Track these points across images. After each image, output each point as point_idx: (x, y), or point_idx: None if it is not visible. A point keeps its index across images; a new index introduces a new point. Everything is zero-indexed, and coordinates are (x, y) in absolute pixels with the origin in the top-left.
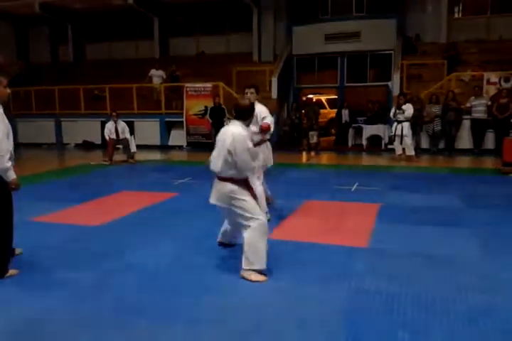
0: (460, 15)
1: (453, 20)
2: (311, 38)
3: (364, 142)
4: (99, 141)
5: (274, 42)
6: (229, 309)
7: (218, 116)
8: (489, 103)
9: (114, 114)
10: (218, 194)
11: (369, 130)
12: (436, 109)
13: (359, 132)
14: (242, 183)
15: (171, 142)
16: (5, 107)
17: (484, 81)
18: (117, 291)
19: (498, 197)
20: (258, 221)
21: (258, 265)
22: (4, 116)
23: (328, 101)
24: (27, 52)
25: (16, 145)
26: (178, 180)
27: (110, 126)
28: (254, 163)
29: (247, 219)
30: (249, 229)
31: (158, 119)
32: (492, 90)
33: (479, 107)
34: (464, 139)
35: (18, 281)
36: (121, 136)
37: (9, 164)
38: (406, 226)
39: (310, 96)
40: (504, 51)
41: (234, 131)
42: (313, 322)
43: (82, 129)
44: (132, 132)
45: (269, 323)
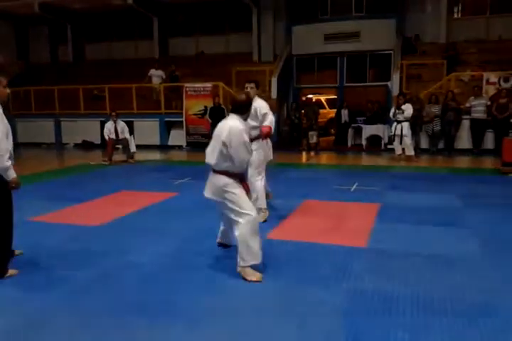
0: (459, 15)
1: (452, 20)
2: (311, 38)
3: (363, 142)
4: (98, 141)
5: (274, 42)
6: (229, 309)
7: (218, 116)
8: (489, 103)
9: (114, 114)
10: (212, 187)
11: (368, 130)
12: (435, 109)
13: (358, 132)
14: (237, 177)
15: (171, 142)
16: (4, 107)
17: (484, 81)
18: (117, 291)
19: (498, 197)
20: (248, 216)
21: (252, 260)
22: (4, 116)
23: (327, 101)
24: (27, 52)
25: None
26: (178, 180)
27: (110, 126)
28: (249, 156)
29: (238, 213)
30: (239, 225)
31: (157, 119)
32: (491, 90)
33: (479, 107)
34: (464, 139)
35: (18, 281)
36: (120, 136)
37: (9, 163)
38: (405, 226)
39: (309, 96)
40: (503, 51)
41: (231, 124)
42: (312, 322)
43: (82, 129)
44: (132, 132)
45: (268, 323)
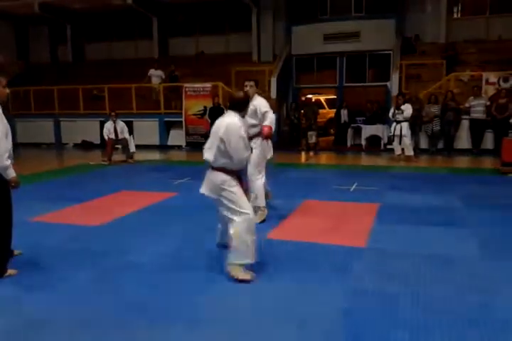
0: (459, 15)
1: (452, 20)
2: (310, 38)
3: (363, 142)
4: (98, 141)
5: (274, 42)
6: (229, 309)
7: (217, 116)
8: (488, 103)
9: (113, 114)
10: (209, 184)
11: (368, 130)
12: (435, 109)
13: (358, 132)
14: (234, 174)
15: (170, 142)
16: (4, 107)
17: (483, 81)
18: (117, 291)
19: (498, 197)
20: (245, 215)
21: (246, 259)
22: (3, 116)
23: (327, 101)
24: (27, 52)
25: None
26: (178, 180)
27: (109, 126)
28: (247, 153)
29: (234, 212)
30: (235, 223)
31: (157, 119)
32: (491, 90)
33: (478, 107)
34: (463, 139)
35: (18, 281)
36: (120, 136)
37: (8, 162)
38: (405, 226)
39: (309, 96)
40: (503, 51)
41: (228, 121)
42: (312, 322)
43: (81, 129)
44: (131, 132)
45: (268, 323)
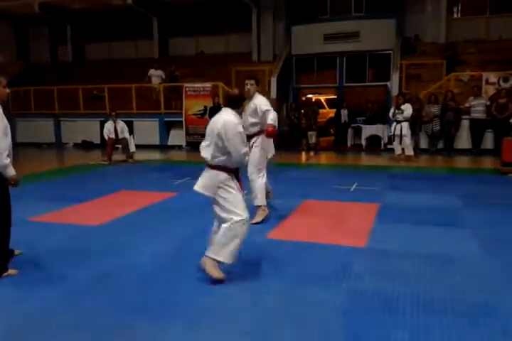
0: (459, 15)
1: (452, 20)
2: (310, 38)
3: (363, 142)
4: (98, 141)
5: (274, 42)
6: (229, 309)
7: None
8: (488, 103)
9: (113, 114)
10: (206, 181)
11: (368, 130)
12: (435, 109)
13: (358, 132)
14: (232, 173)
15: (170, 142)
16: (4, 107)
17: (483, 81)
18: (117, 291)
19: (498, 197)
20: (239, 217)
21: (225, 259)
22: (3, 115)
23: (327, 101)
24: (27, 52)
25: (15, 144)
26: (178, 180)
27: (109, 126)
28: (245, 149)
29: (229, 212)
30: (228, 223)
31: (157, 119)
32: (491, 90)
33: (478, 107)
34: (463, 139)
35: (18, 281)
36: (120, 136)
37: (7, 161)
38: (405, 226)
39: (309, 96)
40: (503, 51)
41: (225, 118)
42: (312, 322)
43: (82, 129)
44: (131, 132)
45: (268, 323)
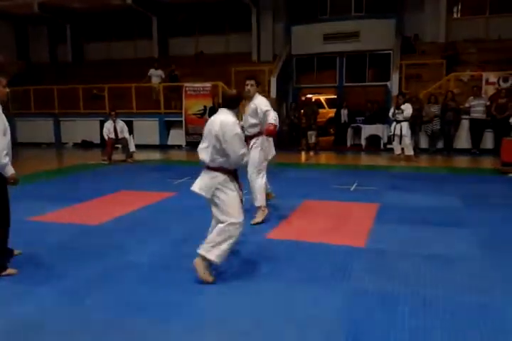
0: (459, 15)
1: (452, 20)
2: (310, 38)
3: (363, 142)
4: (98, 141)
5: (273, 42)
6: (228, 309)
7: None
8: (488, 103)
9: (113, 114)
10: (204, 183)
11: (368, 130)
12: (435, 109)
13: (358, 132)
14: (231, 174)
15: (170, 141)
16: (4, 107)
17: (483, 81)
18: (117, 291)
19: (498, 197)
20: (235, 220)
21: (214, 256)
22: (3, 115)
23: (327, 100)
24: (26, 52)
25: (15, 144)
26: (177, 180)
27: (109, 126)
28: (243, 150)
29: (226, 214)
30: (224, 224)
31: (157, 119)
32: (491, 90)
33: (478, 107)
34: (463, 139)
35: (18, 281)
36: (120, 136)
37: (6, 160)
38: (405, 226)
39: (309, 95)
40: (503, 51)
41: (222, 118)
42: (312, 322)
43: (81, 129)
44: (131, 131)
45: (268, 323)
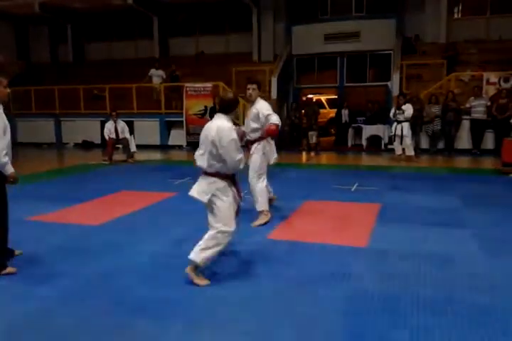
0: (459, 15)
1: (452, 20)
2: (311, 38)
3: (364, 142)
4: (98, 141)
5: (274, 42)
6: (228, 309)
7: None
8: (489, 103)
9: (114, 114)
10: (202, 188)
11: (369, 130)
12: (435, 110)
13: (359, 132)
14: (229, 179)
15: (171, 142)
16: (5, 107)
17: (484, 81)
18: (117, 291)
19: (498, 197)
20: (226, 228)
21: (200, 260)
22: (3, 114)
23: (327, 101)
24: (27, 52)
25: (16, 144)
26: (178, 180)
27: (110, 126)
28: (240, 155)
29: (218, 221)
30: (215, 231)
31: (158, 119)
32: (492, 90)
33: (479, 108)
34: (464, 139)
35: (18, 281)
36: (120, 136)
37: (6, 159)
38: (406, 226)
39: (310, 96)
40: (504, 51)
41: (218, 124)
42: (312, 322)
43: (82, 129)
44: (132, 132)
45: (268, 323)
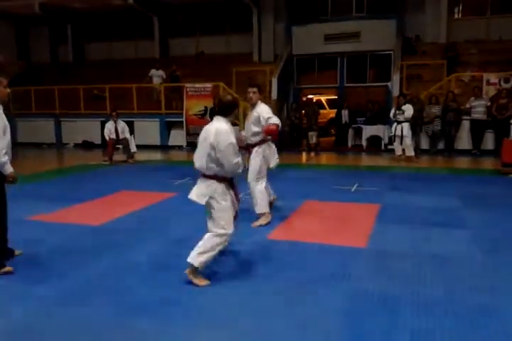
0: (460, 15)
1: (453, 20)
2: (311, 39)
3: (364, 142)
4: (99, 141)
5: (274, 42)
6: (229, 309)
7: None
8: (489, 104)
9: (114, 114)
10: (200, 191)
11: (369, 130)
12: (435, 110)
13: (359, 132)
14: (226, 181)
15: (171, 142)
16: (5, 107)
17: (484, 81)
18: (117, 291)
19: (498, 198)
20: (223, 231)
21: (197, 263)
22: (3, 114)
23: (328, 101)
24: (27, 52)
25: (16, 144)
26: (178, 180)
27: (110, 126)
28: (237, 159)
29: (216, 224)
30: (212, 233)
31: (158, 119)
32: (492, 91)
33: (479, 108)
34: (464, 140)
35: (17, 281)
36: (121, 136)
37: (5, 159)
38: (406, 226)
39: (310, 96)
40: (504, 52)
41: (217, 127)
42: (312, 322)
43: (82, 129)
44: (132, 132)
45: (268, 323)
